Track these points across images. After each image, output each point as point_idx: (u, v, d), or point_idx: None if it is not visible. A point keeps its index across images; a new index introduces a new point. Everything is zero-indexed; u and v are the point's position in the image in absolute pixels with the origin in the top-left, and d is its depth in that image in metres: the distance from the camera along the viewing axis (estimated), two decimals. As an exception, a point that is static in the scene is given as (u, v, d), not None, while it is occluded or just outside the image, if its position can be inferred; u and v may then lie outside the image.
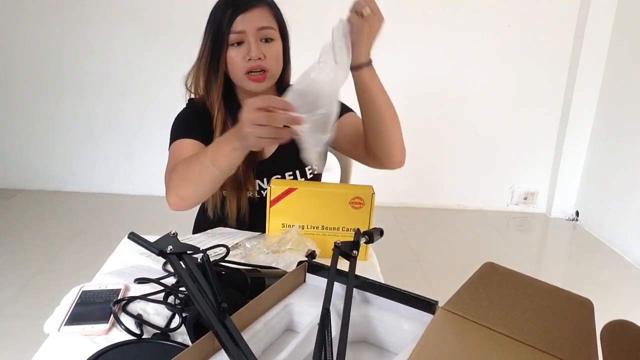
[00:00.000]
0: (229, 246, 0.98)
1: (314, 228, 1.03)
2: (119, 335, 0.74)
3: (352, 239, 0.88)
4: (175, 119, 1.20)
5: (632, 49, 2.76)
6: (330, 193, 1.02)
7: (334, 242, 0.81)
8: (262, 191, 1.21)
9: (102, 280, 0.90)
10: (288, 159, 1.21)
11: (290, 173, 1.22)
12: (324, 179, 1.36)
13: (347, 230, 1.03)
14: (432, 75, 3.13)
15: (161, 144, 1.20)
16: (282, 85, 1.22)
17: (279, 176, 1.21)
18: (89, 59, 3.05)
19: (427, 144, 3.24)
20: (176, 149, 1.11)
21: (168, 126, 1.23)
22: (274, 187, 1.01)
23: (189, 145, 1.10)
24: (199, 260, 0.72)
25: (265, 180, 1.21)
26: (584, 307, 0.65)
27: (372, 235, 0.97)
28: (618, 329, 0.57)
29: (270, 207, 1.02)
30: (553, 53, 3.08)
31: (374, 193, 1.01)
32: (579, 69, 3.00)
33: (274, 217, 1.02)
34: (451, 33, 3.04)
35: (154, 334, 0.74)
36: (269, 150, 1.22)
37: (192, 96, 1.21)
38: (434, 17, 3.00)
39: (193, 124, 1.17)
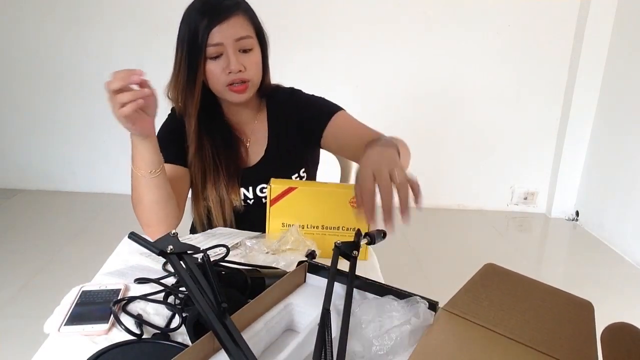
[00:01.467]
0: (229, 246, 0.98)
1: (314, 228, 1.03)
2: (119, 335, 0.74)
3: (352, 239, 0.87)
4: (159, 130, 1.16)
5: (632, 49, 2.76)
6: (330, 192, 1.02)
7: (335, 242, 0.81)
8: (248, 200, 1.18)
9: (102, 280, 0.90)
10: (274, 167, 1.16)
11: None
12: (320, 179, 1.35)
13: (347, 229, 1.03)
14: (433, 76, 3.12)
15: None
16: (262, 91, 1.17)
17: (265, 185, 1.16)
18: (88, 58, 3.05)
19: (427, 144, 3.24)
20: None
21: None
22: (274, 186, 1.01)
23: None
24: (199, 260, 0.72)
25: (250, 189, 1.17)
26: (584, 309, 0.65)
27: (374, 236, 0.97)
28: (618, 332, 0.57)
29: (270, 206, 1.02)
30: (553, 53, 3.08)
31: None
32: (579, 69, 3.00)
33: (274, 217, 1.02)
34: (451, 33, 3.04)
35: (154, 334, 0.74)
36: (254, 158, 1.19)
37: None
38: (434, 17, 3.00)
39: (167, 143, 1.12)
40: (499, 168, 3.32)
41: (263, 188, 1.17)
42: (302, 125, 1.17)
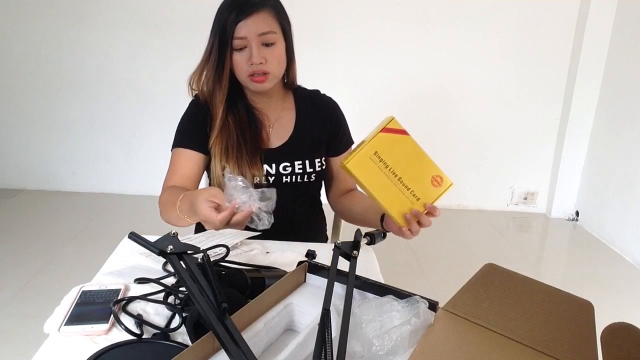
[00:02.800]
0: (229, 246, 0.98)
1: (393, 174, 1.00)
2: (119, 335, 0.74)
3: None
4: (181, 119, 1.24)
5: (632, 49, 2.76)
6: (425, 157, 1.04)
7: (335, 243, 0.81)
8: (269, 177, 1.22)
9: (102, 280, 0.90)
10: (297, 150, 1.24)
11: (300, 162, 1.23)
12: None
13: (414, 196, 1.01)
14: (432, 75, 3.12)
15: (161, 144, 1.21)
16: (288, 82, 1.27)
17: (288, 164, 1.22)
18: (88, 58, 3.05)
19: (426, 144, 3.21)
20: (174, 158, 1.20)
21: (168, 126, 1.24)
22: (395, 120, 1.02)
23: (185, 157, 1.19)
24: (199, 260, 0.72)
25: (273, 165, 1.21)
26: (584, 309, 0.65)
27: (374, 236, 0.97)
28: (618, 332, 0.57)
29: (380, 132, 0.99)
30: (553, 52, 3.07)
31: (452, 184, 1.03)
32: (579, 69, 3.00)
33: (375, 146, 0.99)
34: (451, 33, 3.03)
35: (154, 334, 0.74)
36: (277, 140, 1.24)
37: (196, 92, 1.23)
38: (433, 17, 3.00)
39: (194, 129, 1.21)
40: (499, 168, 3.32)
41: (286, 166, 1.22)
42: (331, 133, 1.30)
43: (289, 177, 1.23)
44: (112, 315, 0.77)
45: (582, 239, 3.07)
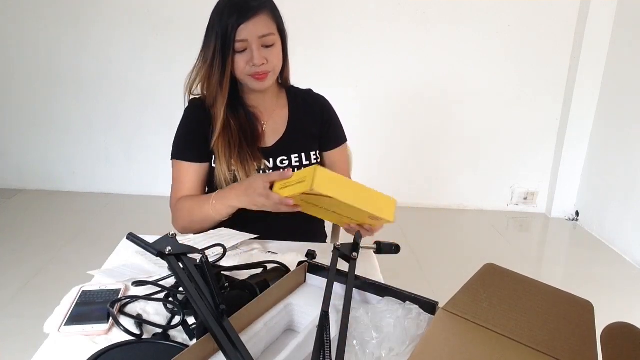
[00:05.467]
0: (227, 247, 0.97)
1: (326, 210, 1.01)
2: (119, 335, 0.74)
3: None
4: (178, 128, 1.27)
5: (632, 49, 2.76)
6: (357, 209, 0.94)
7: (334, 244, 0.81)
8: (267, 170, 1.24)
9: (102, 281, 0.90)
10: (292, 145, 1.27)
11: (296, 156, 1.26)
12: None
13: (351, 220, 1.03)
14: (432, 75, 3.12)
15: (161, 144, 1.21)
16: (283, 81, 1.31)
17: (285, 157, 1.25)
18: (88, 58, 3.05)
19: (427, 144, 3.23)
20: (178, 172, 1.24)
21: (168, 126, 1.24)
22: (319, 186, 0.89)
23: (188, 170, 1.23)
24: (197, 261, 0.72)
25: (271, 160, 1.24)
26: (584, 309, 0.65)
27: (381, 245, 0.97)
28: (618, 332, 0.57)
29: (301, 194, 0.92)
30: (553, 53, 3.07)
31: (391, 221, 0.99)
32: (579, 69, 3.00)
33: (301, 194, 0.93)
34: (451, 33, 3.03)
35: (154, 334, 0.74)
36: (272, 137, 1.27)
37: (194, 96, 1.25)
38: (433, 17, 3.00)
39: (192, 139, 1.23)
40: (499, 168, 3.31)
41: (283, 159, 1.26)
42: (322, 128, 1.33)
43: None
44: (111, 316, 0.77)
45: (582, 239, 3.07)
